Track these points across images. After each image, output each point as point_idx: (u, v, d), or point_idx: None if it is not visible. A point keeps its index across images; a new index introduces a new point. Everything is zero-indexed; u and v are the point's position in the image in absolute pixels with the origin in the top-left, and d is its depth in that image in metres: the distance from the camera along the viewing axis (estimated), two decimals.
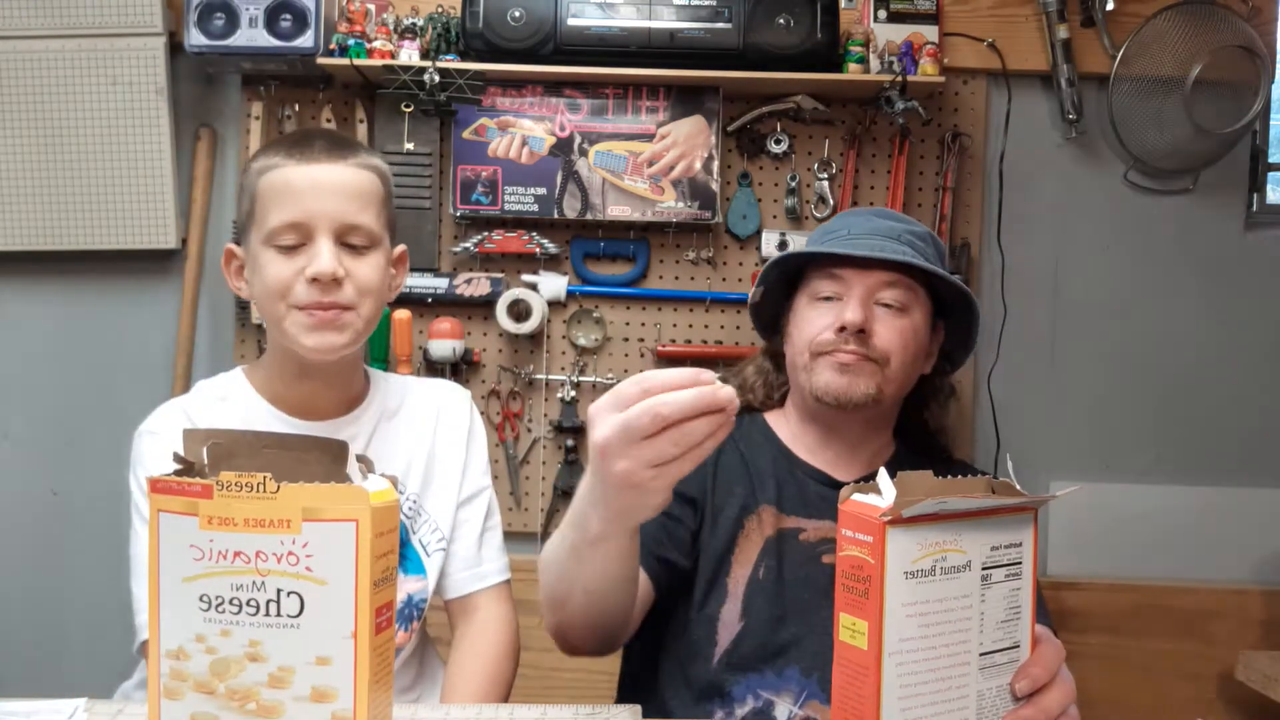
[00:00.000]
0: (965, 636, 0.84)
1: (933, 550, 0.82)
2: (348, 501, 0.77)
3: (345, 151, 1.18)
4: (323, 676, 0.78)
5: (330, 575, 0.78)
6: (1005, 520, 0.87)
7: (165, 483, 0.79)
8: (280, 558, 0.77)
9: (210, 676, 0.78)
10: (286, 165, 1.15)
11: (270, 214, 1.14)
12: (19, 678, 2.24)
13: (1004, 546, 0.86)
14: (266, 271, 1.15)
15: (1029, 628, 0.88)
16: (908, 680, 0.80)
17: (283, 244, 1.14)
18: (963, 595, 0.84)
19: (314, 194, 1.14)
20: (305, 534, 0.77)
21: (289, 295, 1.14)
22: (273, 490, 0.77)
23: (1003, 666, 0.86)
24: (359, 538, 0.77)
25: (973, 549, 0.84)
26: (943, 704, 0.82)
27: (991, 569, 0.86)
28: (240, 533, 0.78)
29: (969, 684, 0.83)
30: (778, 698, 1.18)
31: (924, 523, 0.81)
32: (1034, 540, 0.89)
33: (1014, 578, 0.87)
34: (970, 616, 0.84)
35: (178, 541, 0.79)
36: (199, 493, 0.78)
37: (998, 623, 0.85)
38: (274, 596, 0.78)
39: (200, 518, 0.78)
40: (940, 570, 0.82)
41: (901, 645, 0.80)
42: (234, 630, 0.78)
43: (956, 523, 0.83)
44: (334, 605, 0.78)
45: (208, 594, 0.78)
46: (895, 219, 1.34)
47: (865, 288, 1.25)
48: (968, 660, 0.83)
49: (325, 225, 1.14)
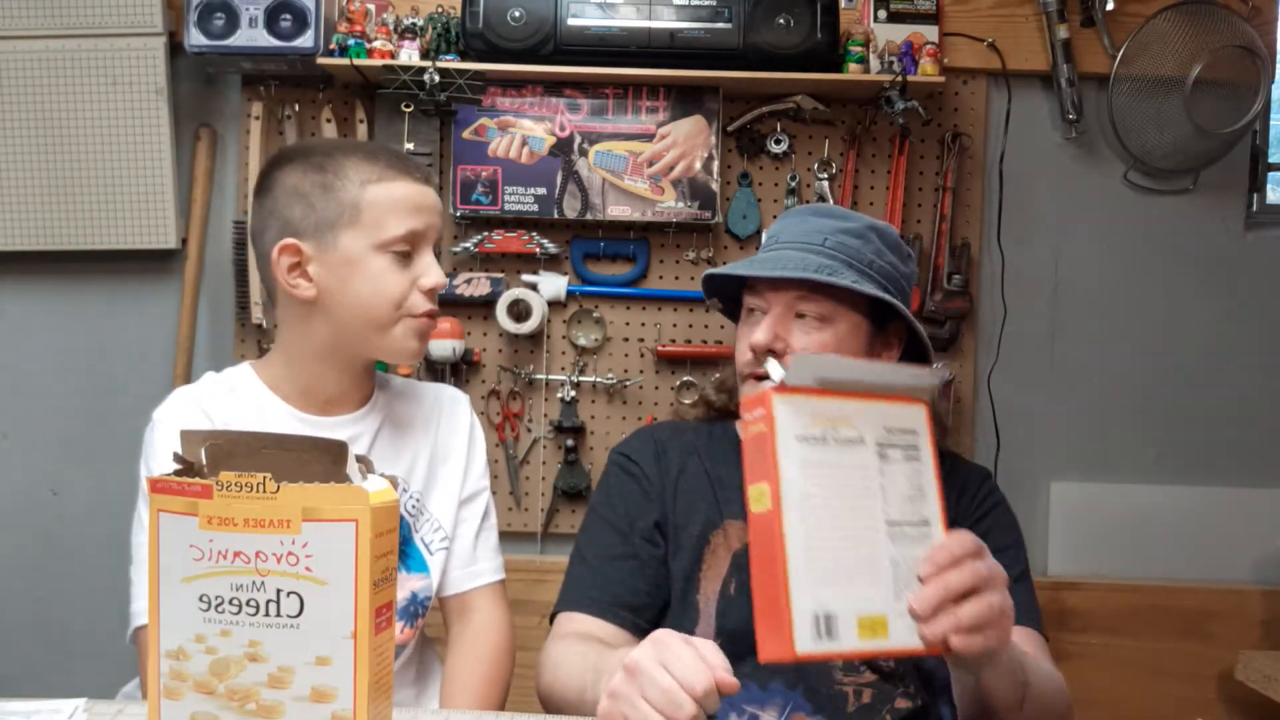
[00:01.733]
0: (868, 503, 0.87)
1: (823, 421, 0.87)
2: (347, 502, 0.77)
3: (425, 173, 1.28)
4: (322, 676, 0.78)
5: (330, 575, 0.78)
6: (896, 407, 0.92)
7: (165, 483, 0.79)
8: (280, 558, 0.78)
9: (210, 676, 0.78)
10: (401, 181, 1.22)
11: (389, 223, 1.20)
12: (19, 678, 2.24)
13: (898, 430, 0.91)
14: (384, 279, 1.20)
15: (938, 511, 0.91)
16: (813, 534, 0.84)
17: (399, 251, 1.21)
18: (861, 465, 0.88)
19: (428, 211, 1.23)
20: (305, 534, 0.77)
21: (406, 305, 1.21)
22: (272, 490, 0.77)
23: (914, 539, 0.88)
24: (359, 538, 0.77)
25: (864, 427, 0.89)
26: (854, 562, 0.85)
27: (888, 448, 0.90)
28: (240, 533, 0.78)
29: (880, 548, 0.86)
30: (762, 711, 1.16)
31: (811, 394, 0.87)
32: (929, 429, 0.93)
33: (913, 460, 0.91)
34: (870, 485, 0.88)
35: (178, 541, 0.79)
36: (199, 493, 0.78)
37: (903, 496, 0.89)
38: (274, 597, 0.78)
39: (200, 518, 0.78)
40: (833, 440, 0.87)
41: (803, 501, 0.84)
42: (234, 630, 0.78)
43: (844, 400, 0.88)
44: (334, 605, 0.78)
45: (207, 594, 0.79)
46: (831, 217, 1.28)
47: (783, 303, 1.22)
48: (875, 525, 0.87)
49: (430, 239, 1.25)
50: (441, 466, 1.34)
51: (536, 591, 2.12)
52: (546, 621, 1.29)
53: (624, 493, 1.30)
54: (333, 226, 1.19)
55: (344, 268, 1.19)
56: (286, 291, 1.20)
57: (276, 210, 1.21)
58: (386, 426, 1.30)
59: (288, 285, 1.20)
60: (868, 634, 0.83)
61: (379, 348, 1.23)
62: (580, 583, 1.26)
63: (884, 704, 1.18)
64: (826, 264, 1.21)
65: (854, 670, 1.18)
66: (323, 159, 1.22)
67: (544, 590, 2.11)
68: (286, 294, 1.21)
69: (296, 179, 1.21)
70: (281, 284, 1.20)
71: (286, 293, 1.21)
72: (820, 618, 0.82)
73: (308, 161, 1.22)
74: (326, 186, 1.19)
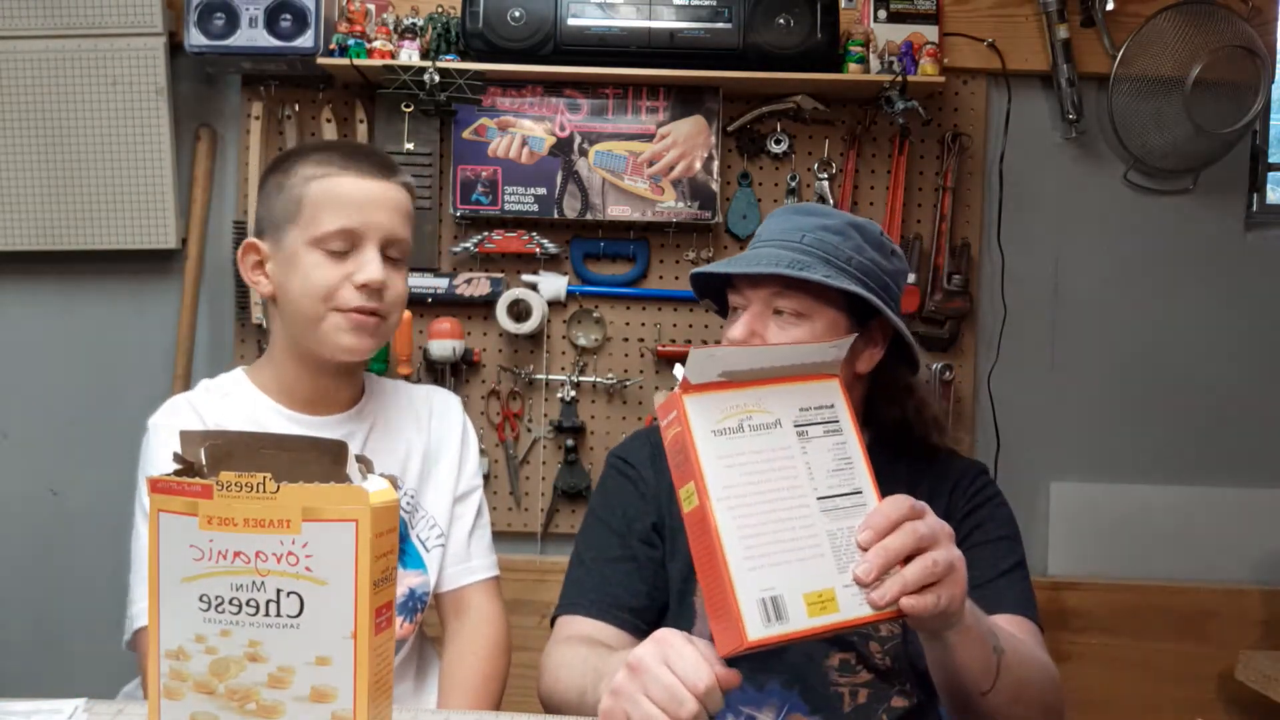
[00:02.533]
0: (795, 482, 0.88)
1: (735, 411, 0.88)
2: (347, 501, 0.77)
3: (390, 169, 1.26)
4: (322, 676, 0.78)
5: (330, 575, 0.78)
6: (808, 386, 0.93)
7: (165, 483, 0.79)
8: (280, 558, 0.78)
9: (210, 676, 0.78)
10: (343, 176, 1.22)
11: (323, 219, 1.20)
12: (19, 678, 2.24)
13: (814, 408, 0.92)
14: (313, 273, 1.20)
15: (868, 479, 0.91)
16: (745, 522, 0.85)
17: (333, 249, 1.20)
18: (781, 448, 0.89)
19: (370, 206, 1.22)
20: (305, 534, 0.77)
21: (333, 298, 1.20)
22: (272, 490, 0.77)
23: (849, 510, 0.89)
24: (359, 538, 0.77)
25: (778, 409, 0.90)
26: (791, 542, 0.86)
27: (806, 426, 0.91)
28: (240, 533, 0.78)
29: (815, 524, 0.87)
30: (759, 712, 1.16)
31: (719, 389, 0.89)
32: (845, 401, 0.94)
33: (834, 434, 0.92)
34: (794, 465, 0.89)
35: (178, 541, 0.79)
36: (199, 493, 0.78)
37: (829, 471, 0.90)
38: (274, 597, 0.78)
39: (200, 518, 0.78)
40: (749, 427, 0.89)
41: (728, 492, 0.85)
42: (234, 630, 0.78)
43: (754, 389, 0.90)
44: (334, 605, 0.78)
45: (208, 594, 0.78)
46: (812, 214, 1.28)
47: (760, 300, 1.22)
48: (806, 503, 0.88)
49: (375, 236, 1.21)
50: (435, 465, 1.35)
51: (536, 591, 2.12)
52: (547, 622, 1.29)
53: (621, 495, 1.30)
54: (282, 224, 1.23)
55: (288, 264, 1.22)
56: (253, 289, 1.26)
57: (256, 211, 1.28)
58: (379, 426, 1.31)
59: (251, 282, 1.26)
60: (817, 610, 0.84)
61: (316, 343, 1.23)
62: (579, 585, 1.26)
63: (880, 703, 1.18)
64: (800, 259, 1.20)
65: (850, 670, 1.18)
66: (288, 159, 1.26)
67: (544, 590, 2.11)
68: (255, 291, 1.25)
69: (268, 180, 1.26)
70: (247, 281, 1.27)
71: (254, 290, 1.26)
72: (767, 601, 0.82)
73: (280, 163, 1.26)
74: (280, 185, 1.24)
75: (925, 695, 1.20)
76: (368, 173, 1.22)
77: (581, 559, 1.29)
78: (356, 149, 1.28)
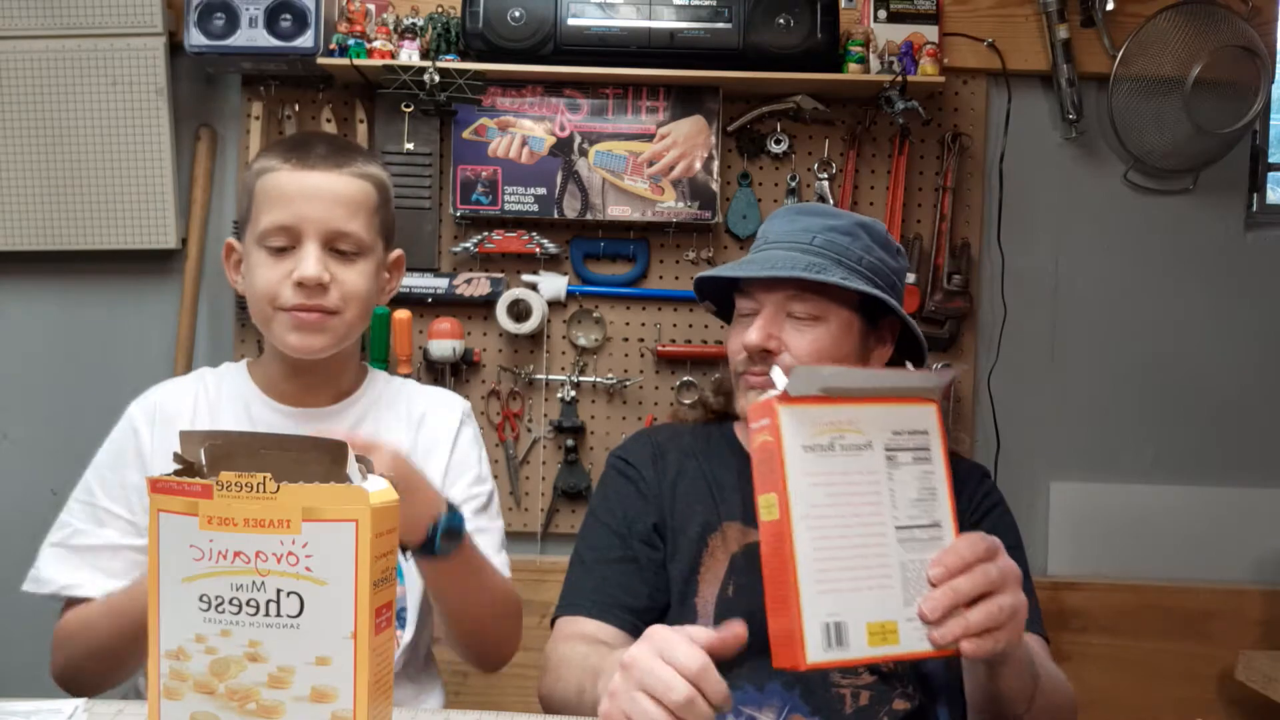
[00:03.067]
0: (877, 509, 0.87)
1: (829, 429, 0.87)
2: (347, 502, 0.77)
3: (342, 159, 1.21)
4: (322, 676, 0.78)
5: (330, 575, 0.77)
6: (904, 408, 0.92)
7: (165, 483, 0.79)
8: (280, 558, 0.77)
9: (210, 676, 0.78)
10: (282, 169, 1.19)
11: (263, 215, 1.19)
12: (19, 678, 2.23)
13: (907, 433, 0.91)
14: (256, 274, 1.20)
15: (949, 512, 0.90)
16: (821, 544, 0.84)
17: (272, 245, 1.18)
18: (868, 471, 0.88)
19: (305, 200, 1.17)
20: (305, 534, 0.77)
21: (276, 298, 1.18)
22: (272, 490, 0.77)
23: (925, 542, 0.88)
24: (359, 538, 0.77)
25: (871, 431, 0.89)
26: (863, 569, 0.85)
27: (896, 451, 0.90)
28: (240, 533, 0.77)
29: (889, 553, 0.87)
30: (759, 713, 1.16)
31: (816, 403, 0.87)
32: (940, 429, 0.93)
33: (923, 461, 0.91)
34: (879, 490, 0.88)
35: (178, 541, 0.79)
36: (199, 493, 0.78)
37: (911, 500, 0.89)
38: (274, 597, 0.77)
39: (200, 518, 0.78)
40: (840, 447, 0.88)
41: (810, 511, 0.85)
42: (234, 630, 0.78)
43: (851, 406, 0.89)
44: (334, 605, 0.77)
45: (208, 594, 0.78)
46: (818, 215, 1.27)
47: (774, 303, 1.22)
48: (883, 531, 0.87)
49: (313, 231, 1.17)
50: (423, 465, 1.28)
51: (537, 591, 2.11)
52: (547, 622, 1.29)
53: (621, 496, 1.30)
54: (243, 222, 1.24)
55: (246, 263, 1.23)
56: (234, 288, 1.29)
57: None
58: (369, 420, 1.29)
59: (231, 282, 1.28)
60: (878, 640, 0.84)
61: (274, 342, 1.22)
62: (580, 586, 1.26)
63: (882, 705, 1.18)
64: (816, 262, 1.20)
65: (851, 672, 1.18)
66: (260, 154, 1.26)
67: (544, 590, 2.11)
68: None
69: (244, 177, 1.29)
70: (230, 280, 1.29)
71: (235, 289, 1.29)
72: (830, 627, 0.82)
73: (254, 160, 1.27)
74: (242, 182, 1.27)
75: (926, 698, 1.20)
76: (310, 164, 1.18)
77: (582, 559, 1.28)
78: (306, 140, 1.24)
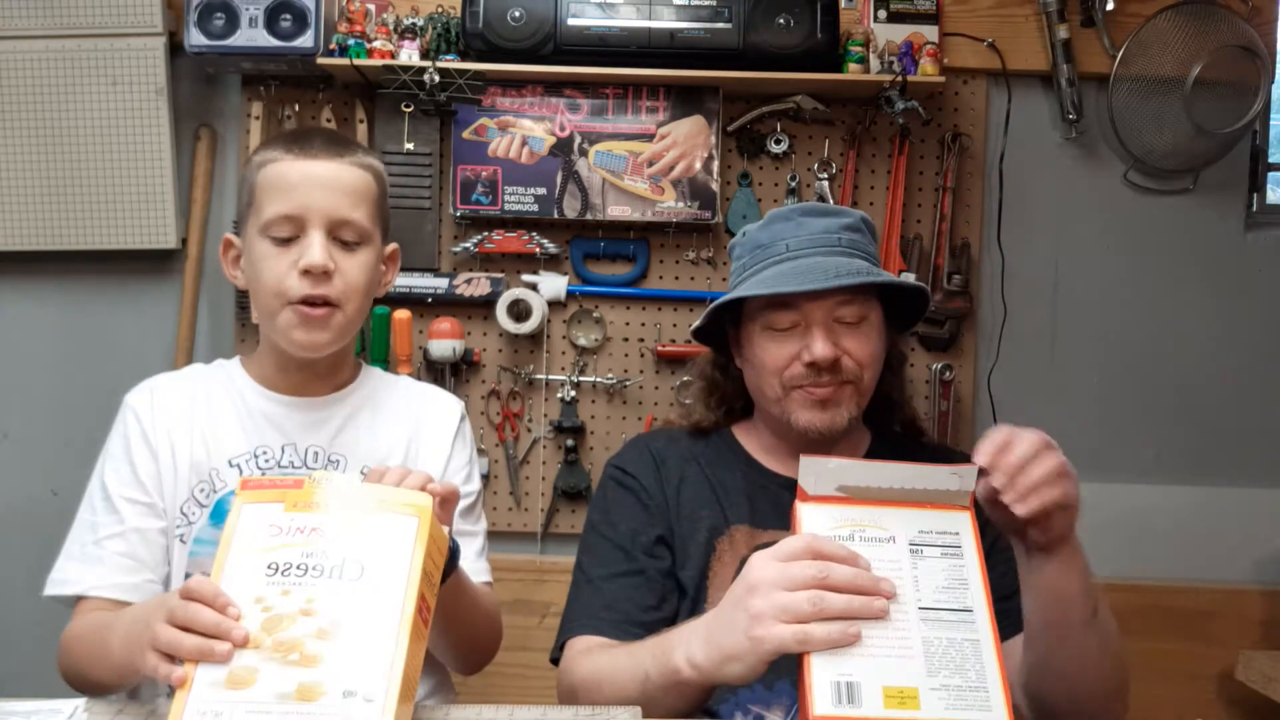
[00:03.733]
0: (898, 589, 0.87)
1: (849, 524, 0.89)
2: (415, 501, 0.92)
3: (342, 149, 1.22)
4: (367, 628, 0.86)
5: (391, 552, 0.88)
6: (934, 515, 0.91)
7: (257, 481, 0.94)
8: (354, 536, 0.89)
9: (260, 633, 0.85)
10: (284, 160, 1.19)
11: (266, 206, 1.18)
12: (19, 678, 2.23)
13: (935, 533, 0.91)
14: (262, 266, 1.19)
15: (983, 601, 0.89)
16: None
17: (277, 235, 1.18)
18: (890, 559, 0.89)
19: (309, 188, 1.18)
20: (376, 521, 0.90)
21: (284, 291, 1.18)
22: (354, 484, 0.92)
23: (953, 624, 0.88)
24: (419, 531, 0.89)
25: (895, 528, 0.89)
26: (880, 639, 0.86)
27: (922, 545, 0.90)
28: (319, 514, 0.90)
29: (910, 630, 0.86)
30: (768, 711, 1.16)
31: (837, 502, 0.88)
32: (974, 532, 0.92)
33: (952, 556, 0.90)
34: (901, 573, 0.88)
35: (258, 524, 0.90)
36: (290, 485, 0.92)
37: (938, 586, 0.89)
38: (339, 563, 0.88)
39: (286, 503, 0.90)
40: (860, 538, 0.89)
41: None
42: (294, 590, 0.87)
43: (874, 508, 0.89)
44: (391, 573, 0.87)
45: (276, 561, 0.88)
46: (828, 214, 1.27)
47: (823, 311, 1.21)
48: (905, 610, 0.87)
49: (318, 219, 1.18)
50: (419, 463, 1.30)
51: (536, 591, 2.11)
52: (546, 622, 1.28)
53: (622, 508, 1.28)
54: (244, 216, 1.24)
55: (248, 256, 1.23)
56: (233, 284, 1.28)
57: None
58: (364, 414, 1.29)
59: (230, 278, 1.28)
60: (895, 704, 0.84)
61: (276, 337, 1.22)
62: (589, 604, 1.23)
63: None
64: (859, 264, 1.22)
65: None
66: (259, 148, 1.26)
67: (544, 590, 2.11)
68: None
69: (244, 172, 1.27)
70: (227, 277, 1.28)
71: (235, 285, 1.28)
72: (841, 685, 0.84)
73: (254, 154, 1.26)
74: (242, 176, 1.25)
75: None
76: (312, 154, 1.19)
77: (588, 576, 1.26)
78: (306, 132, 1.26)
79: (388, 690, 0.82)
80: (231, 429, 1.25)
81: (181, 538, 1.22)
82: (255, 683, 0.83)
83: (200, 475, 1.23)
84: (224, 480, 1.23)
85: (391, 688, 0.82)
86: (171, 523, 1.22)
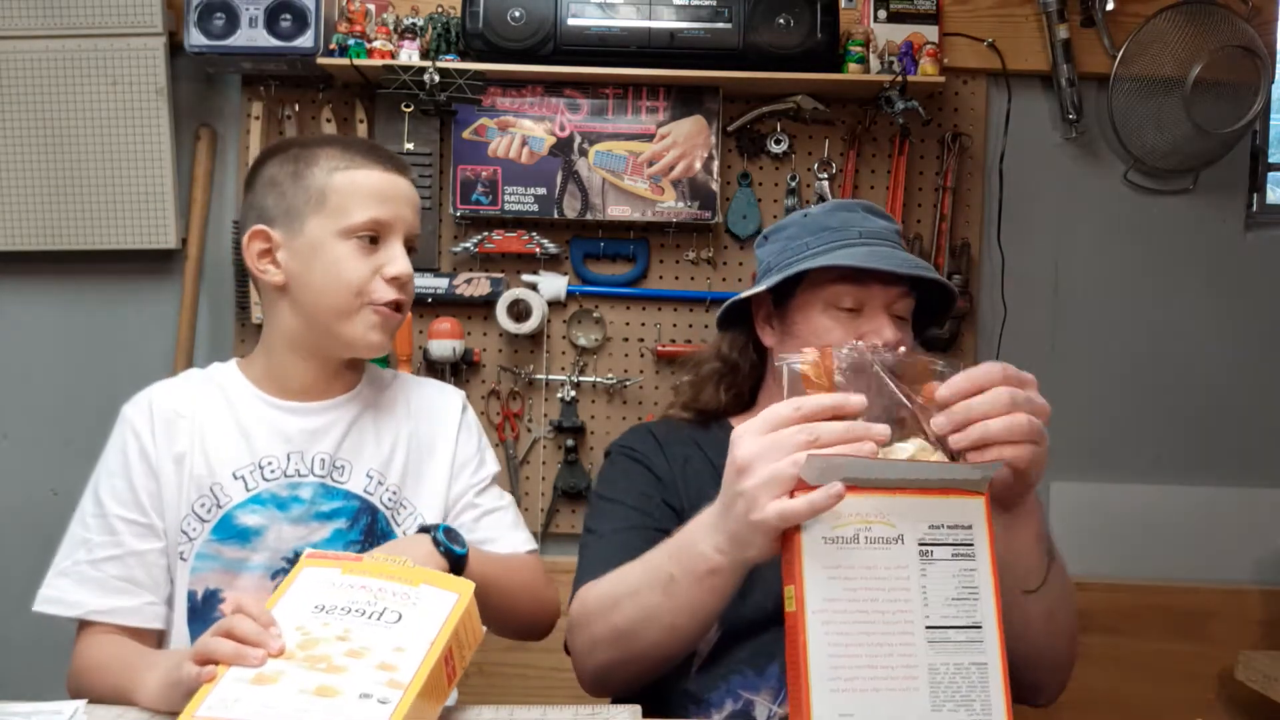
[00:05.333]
0: (905, 606, 0.83)
1: (854, 520, 0.83)
2: (457, 581, 1.00)
3: (406, 166, 1.28)
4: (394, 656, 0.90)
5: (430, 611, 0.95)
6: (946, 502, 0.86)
7: (323, 553, 1.03)
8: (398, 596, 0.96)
9: (295, 649, 0.90)
10: (369, 168, 1.23)
11: (354, 210, 1.20)
12: (19, 678, 2.23)
13: (945, 527, 0.85)
14: (344, 265, 1.20)
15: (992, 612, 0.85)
16: (837, 640, 0.81)
17: (364, 238, 1.21)
18: (897, 565, 0.83)
19: (397, 200, 1.23)
20: (421, 589, 0.97)
21: (366, 292, 1.21)
22: (407, 565, 1.00)
23: (961, 645, 0.83)
24: (457, 605, 0.97)
25: (904, 524, 0.84)
26: (884, 669, 0.81)
27: (932, 546, 0.84)
28: (373, 578, 0.98)
29: (916, 655, 0.82)
30: (757, 697, 1.15)
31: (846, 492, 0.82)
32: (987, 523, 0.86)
33: (963, 559, 0.85)
34: (908, 587, 0.83)
35: (315, 580, 0.98)
36: (350, 559, 1.01)
37: (947, 599, 0.84)
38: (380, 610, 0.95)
39: (344, 568, 0.99)
40: (865, 539, 0.83)
41: (826, 605, 0.81)
42: (333, 622, 0.93)
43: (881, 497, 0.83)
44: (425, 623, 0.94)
45: (323, 603, 0.95)
46: (885, 217, 1.31)
47: (886, 300, 1.23)
48: (910, 631, 0.82)
49: (401, 229, 1.24)
50: (426, 460, 1.31)
51: None
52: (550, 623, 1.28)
53: (632, 475, 1.28)
54: (300, 213, 1.22)
55: (309, 253, 1.21)
56: (257, 278, 1.24)
57: (254, 201, 1.26)
58: (367, 416, 1.29)
59: (257, 271, 1.24)
60: None
61: (341, 337, 1.22)
62: (598, 556, 1.20)
63: None
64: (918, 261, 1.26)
65: None
66: (299, 149, 1.25)
67: None
68: (259, 281, 1.25)
69: (274, 170, 1.25)
70: (252, 270, 1.24)
71: (258, 279, 1.24)
72: None
73: (285, 153, 1.25)
74: (297, 174, 1.22)
75: None
76: (389, 167, 1.24)
77: (597, 534, 1.24)
78: (370, 144, 1.29)
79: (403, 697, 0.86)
80: (233, 440, 1.24)
81: (182, 555, 1.21)
82: (279, 682, 0.87)
83: (201, 490, 1.22)
84: (228, 494, 1.22)
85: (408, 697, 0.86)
86: (172, 541, 1.22)
